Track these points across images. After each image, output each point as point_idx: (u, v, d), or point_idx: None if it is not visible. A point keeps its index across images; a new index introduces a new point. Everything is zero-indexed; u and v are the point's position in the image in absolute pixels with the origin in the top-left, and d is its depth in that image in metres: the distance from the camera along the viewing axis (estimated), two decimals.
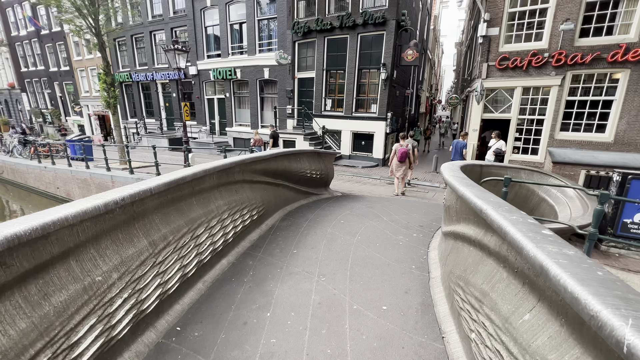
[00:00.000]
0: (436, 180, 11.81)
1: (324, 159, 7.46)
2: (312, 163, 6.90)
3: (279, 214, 5.66)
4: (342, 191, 9.33)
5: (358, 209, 6.51)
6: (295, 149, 6.11)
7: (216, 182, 3.71)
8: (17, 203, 16.24)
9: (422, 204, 7.83)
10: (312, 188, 7.26)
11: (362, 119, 13.97)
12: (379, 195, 9.02)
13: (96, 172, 12.47)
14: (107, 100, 12.74)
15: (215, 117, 18.68)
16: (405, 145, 8.69)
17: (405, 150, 8.58)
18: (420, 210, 6.88)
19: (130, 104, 22.00)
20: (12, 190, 17.08)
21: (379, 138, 13.84)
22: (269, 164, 5.18)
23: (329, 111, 14.78)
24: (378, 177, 12.13)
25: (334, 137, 14.92)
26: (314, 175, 6.95)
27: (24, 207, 15.62)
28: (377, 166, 13.96)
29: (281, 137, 14.87)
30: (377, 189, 10.29)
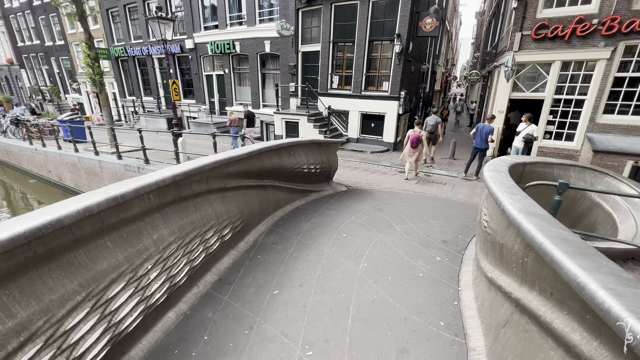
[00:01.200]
0: (453, 168, 10.42)
1: (325, 150, 6.17)
2: (311, 156, 5.64)
3: (266, 223, 4.49)
4: (348, 183, 8.08)
5: (365, 212, 5.29)
6: (288, 140, 4.84)
7: (156, 203, 2.52)
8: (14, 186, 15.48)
9: (441, 202, 6.54)
10: (311, 184, 6.04)
11: (372, 98, 12.43)
12: (390, 188, 7.74)
13: (84, 157, 11.46)
14: (92, 77, 11.47)
15: (215, 95, 17.29)
16: (419, 132, 8.43)
17: (417, 137, 8.36)
18: (440, 213, 5.62)
19: (127, 80, 20.68)
20: (8, 172, 16.35)
21: (390, 120, 12.35)
22: (249, 163, 3.95)
23: (336, 89, 13.24)
24: (388, 163, 10.79)
25: (340, 119, 13.47)
26: (312, 170, 5.71)
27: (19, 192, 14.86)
28: (387, 151, 12.56)
29: (283, 118, 13.51)
30: (388, 178, 8.99)
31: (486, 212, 3.06)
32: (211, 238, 3.09)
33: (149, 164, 9.75)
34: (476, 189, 8.23)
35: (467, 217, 5.46)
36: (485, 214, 3.09)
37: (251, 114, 11.62)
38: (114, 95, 21.78)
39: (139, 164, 9.78)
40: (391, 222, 4.89)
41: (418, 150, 8.52)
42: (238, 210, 3.70)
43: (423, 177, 9.29)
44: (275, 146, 4.49)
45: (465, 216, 5.53)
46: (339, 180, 8.26)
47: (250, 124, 11.57)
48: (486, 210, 3.06)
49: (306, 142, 5.34)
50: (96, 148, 11.22)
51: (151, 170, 9.38)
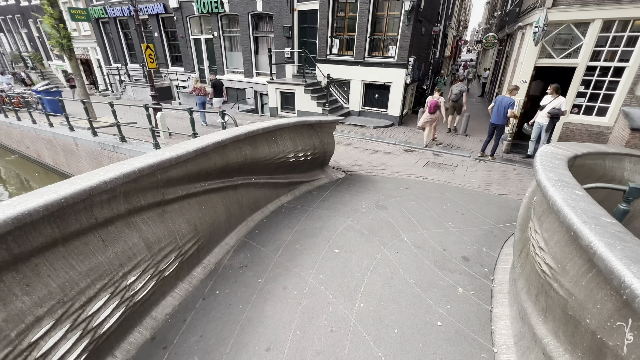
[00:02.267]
0: (466, 146, 9.21)
1: (318, 132, 5.01)
2: (299, 141, 4.50)
3: (238, 233, 3.48)
4: (347, 166, 6.98)
5: (365, 212, 4.25)
6: (266, 124, 3.70)
7: (17, 252, 1.47)
8: None
9: (454, 192, 5.45)
10: (301, 175, 4.96)
11: (377, 65, 10.92)
12: (395, 173, 6.64)
13: (58, 132, 10.32)
14: (57, 40, 10.01)
15: (205, 62, 15.67)
16: (437, 98, 8.51)
17: (435, 102, 8.49)
18: (455, 210, 4.57)
19: (111, 45, 18.88)
20: None
21: (396, 90, 10.93)
22: (205, 161, 2.84)
23: (336, 55, 11.68)
24: (393, 141, 9.58)
25: (341, 89, 12.04)
26: (301, 158, 4.59)
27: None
28: (392, 126, 11.27)
29: (277, 88, 12.10)
30: (392, 159, 7.86)
31: (544, 246, 2.00)
32: (136, 282, 2.09)
33: (125, 142, 8.63)
34: (492, 173, 7.11)
35: (488, 216, 4.41)
36: (541, 248, 2.03)
37: (218, 82, 10.85)
38: (98, 62, 20.08)
39: (115, 142, 8.66)
40: (397, 228, 3.86)
41: (436, 116, 8.72)
42: (190, 228, 2.67)
43: (433, 157, 8.13)
44: (247, 134, 3.34)
45: (485, 214, 4.48)
46: (337, 164, 7.15)
47: (218, 93, 10.74)
48: (545, 242, 2.00)
49: (292, 124, 4.17)
50: (70, 123, 10.05)
51: (127, 150, 8.29)
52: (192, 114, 6.76)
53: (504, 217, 4.43)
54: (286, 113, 12.35)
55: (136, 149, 8.11)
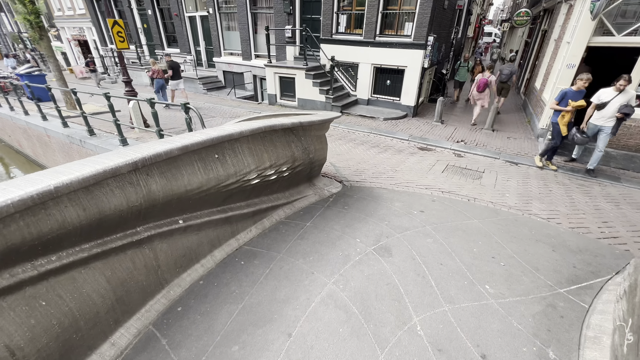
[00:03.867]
0: (492, 144, 7.60)
1: (301, 138, 3.60)
2: (269, 154, 3.12)
3: (143, 316, 2.20)
4: (346, 171, 5.57)
5: (357, 262, 2.90)
6: (203, 136, 2.28)
7: None
8: None
9: (485, 218, 4.00)
10: (275, 195, 3.60)
11: (390, 45, 9.23)
12: (407, 184, 5.19)
13: (31, 122, 9.22)
14: (25, 17, 8.75)
15: (201, 43, 14.19)
16: (488, 76, 8.38)
17: (485, 80, 8.34)
18: (492, 256, 3.16)
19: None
20: None
21: (411, 75, 9.26)
22: (45, 220, 1.50)
23: (343, 34, 10.01)
24: (406, 136, 8.04)
25: (348, 74, 10.42)
26: (273, 177, 3.22)
27: None
28: (405, 117, 9.67)
29: (276, 73, 10.58)
30: (404, 161, 6.38)
31: None
32: None
33: (93, 135, 7.43)
34: (528, 182, 5.58)
35: (542, 269, 2.98)
36: None
37: (176, 64, 10.42)
38: (94, 42, 18.84)
39: (83, 136, 7.46)
40: (405, 299, 2.51)
41: (485, 95, 8.44)
42: None
43: (454, 158, 6.60)
44: (148, 159, 1.95)
45: (537, 264, 3.05)
46: (334, 169, 5.74)
47: (176, 75, 10.31)
48: None
49: (254, 131, 2.75)
50: (42, 112, 8.91)
51: (93, 145, 7.07)
52: (154, 106, 5.41)
53: (565, 268, 2.99)
54: (286, 101, 10.88)
55: (103, 144, 6.89)
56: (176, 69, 10.31)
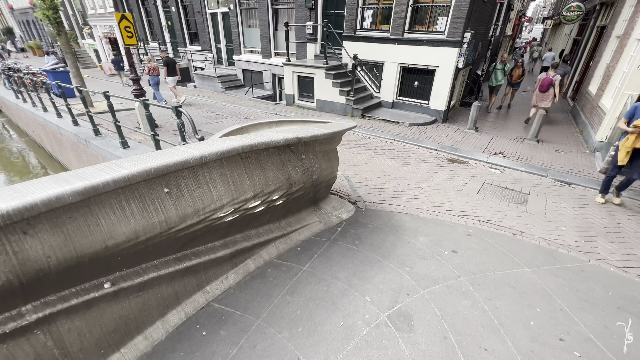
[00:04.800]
0: (539, 157, 6.42)
1: (302, 156, 2.79)
2: (253, 180, 2.33)
3: None
4: (362, 188, 4.70)
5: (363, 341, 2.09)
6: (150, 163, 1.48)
7: None
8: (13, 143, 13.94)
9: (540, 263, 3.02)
10: (265, 227, 2.81)
11: (420, 43, 8.19)
12: (435, 208, 4.25)
13: (47, 118, 9.05)
14: (44, 12, 8.54)
15: (221, 41, 13.72)
16: (552, 75, 7.54)
17: (549, 80, 7.56)
18: (558, 337, 2.21)
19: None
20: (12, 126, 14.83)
21: (443, 76, 8.17)
22: None
23: (368, 30, 9.07)
24: (434, 145, 7.01)
25: (372, 73, 9.47)
26: (258, 208, 2.42)
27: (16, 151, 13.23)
28: (434, 123, 8.60)
29: (294, 72, 9.83)
30: (432, 177, 5.40)
31: None
32: None
33: (99, 135, 7.02)
34: (588, 211, 4.43)
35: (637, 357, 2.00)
36: None
37: (171, 60, 10.20)
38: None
39: (89, 135, 7.08)
40: None
41: (548, 94, 7.72)
42: None
43: (492, 174, 5.53)
44: (31, 209, 1.21)
45: (625, 349, 2.07)
46: (347, 185, 4.89)
47: (172, 72, 10.15)
48: None
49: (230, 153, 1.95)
50: (57, 109, 8.70)
51: (96, 145, 6.63)
52: (148, 109, 4.79)
53: None
54: (304, 102, 10.11)
55: (105, 146, 6.44)
56: (172, 65, 10.15)
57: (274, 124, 4.32)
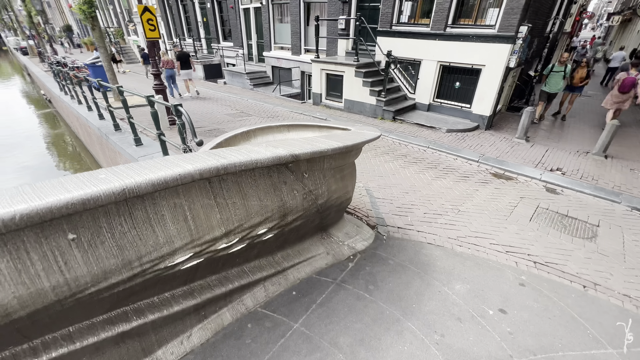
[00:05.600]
0: (607, 177, 5.21)
1: (306, 175, 2.13)
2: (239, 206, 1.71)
3: None
4: (385, 207, 3.94)
5: None
6: (32, 207, 0.90)
7: None
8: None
9: (637, 340, 2.11)
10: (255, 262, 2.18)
11: (465, 38, 7.15)
12: (475, 239, 3.40)
13: (80, 112, 9.17)
14: (80, 7, 8.60)
15: (253, 37, 13.37)
16: (635, 74, 6.46)
17: (632, 80, 6.39)
18: None
19: (173, 19, 17.88)
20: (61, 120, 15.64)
21: (490, 76, 7.08)
22: None
23: (405, 25, 8.15)
24: (475, 156, 6.02)
25: (407, 72, 8.54)
26: (238, 246, 1.80)
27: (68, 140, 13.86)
28: (476, 129, 7.53)
29: (323, 69, 9.15)
30: (472, 196, 4.48)
31: None
32: None
33: (118, 130, 6.84)
34: None
35: None
36: None
37: (185, 54, 10.36)
38: (163, 37, 19.42)
39: (109, 130, 6.93)
40: None
41: (628, 96, 6.67)
42: None
43: (548, 196, 4.49)
44: None
45: None
46: (369, 201, 4.15)
47: (185, 65, 10.27)
48: None
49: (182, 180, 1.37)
50: (88, 102, 8.77)
51: (114, 141, 6.42)
52: (153, 106, 4.36)
53: None
54: (331, 101, 9.41)
55: (121, 142, 6.21)
56: (185, 59, 10.30)
57: (284, 128, 3.69)
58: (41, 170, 10.07)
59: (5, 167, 10.19)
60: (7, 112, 16.36)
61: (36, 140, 12.79)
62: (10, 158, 10.87)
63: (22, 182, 9.08)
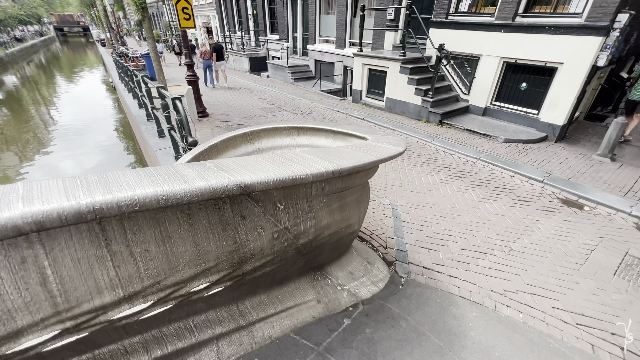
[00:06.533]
0: None
1: (279, 207, 1.49)
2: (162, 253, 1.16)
3: None
4: (411, 236, 3.12)
5: None
6: None
7: None
8: None
9: None
10: (211, 313, 1.61)
11: (539, 30, 5.82)
12: (531, 295, 2.48)
13: (126, 100, 9.51)
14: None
15: (298, 29, 12.89)
16: None
17: None
18: None
19: (226, 12, 18.14)
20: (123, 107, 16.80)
21: (570, 76, 5.68)
22: None
23: (464, 14, 6.98)
24: (540, 175, 4.83)
25: (461, 70, 7.36)
26: (154, 311, 1.23)
27: None
28: (543, 141, 6.18)
29: (365, 64, 8.32)
30: (533, 229, 3.45)
31: None
32: None
33: (150, 120, 6.81)
34: None
35: None
36: None
37: (219, 46, 10.87)
38: (216, 29, 19.93)
39: (142, 120, 6.95)
40: None
41: None
42: None
43: (637, 236, 3.30)
44: None
45: None
46: (392, 223, 3.36)
47: (220, 57, 10.74)
48: None
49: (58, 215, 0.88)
50: (134, 91, 9.01)
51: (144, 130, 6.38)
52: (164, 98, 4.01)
53: None
54: (372, 99, 8.56)
55: (147, 132, 6.13)
56: (219, 50, 10.68)
57: (294, 131, 3.08)
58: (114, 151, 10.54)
59: (87, 143, 11.07)
60: (92, 96, 18.10)
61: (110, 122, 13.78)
62: (90, 136, 11.79)
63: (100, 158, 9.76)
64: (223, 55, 10.86)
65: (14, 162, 9.59)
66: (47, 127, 13.05)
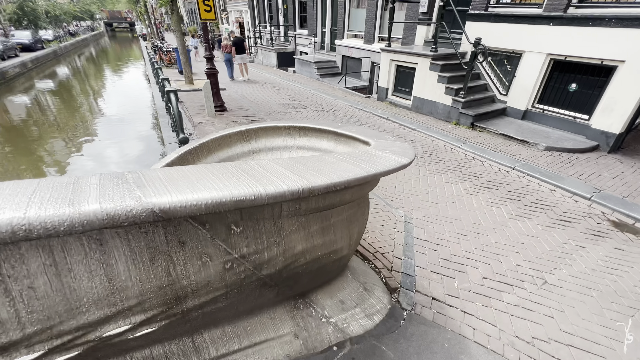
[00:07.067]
0: None
1: (238, 230, 1.18)
2: (59, 290, 0.88)
3: None
4: (424, 256, 2.68)
5: None
6: None
7: None
8: None
9: None
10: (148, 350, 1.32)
11: (595, 22, 5.00)
12: (573, 349, 1.96)
13: (155, 92, 9.69)
14: None
15: (327, 24, 12.48)
16: None
17: None
18: None
19: (258, 7, 18.12)
20: None
21: (632, 77, 4.82)
22: None
23: (506, 6, 6.22)
24: (587, 192, 4.13)
25: (500, 68, 6.60)
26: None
27: None
28: (593, 150, 5.34)
29: (392, 60, 7.78)
30: (575, 257, 2.86)
31: None
32: None
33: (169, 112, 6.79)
34: None
35: None
36: None
37: (239, 39, 11.01)
38: (248, 24, 20.02)
39: (162, 111, 6.97)
40: None
41: None
42: None
43: None
44: None
45: None
46: (403, 241, 2.94)
47: (240, 50, 10.87)
48: None
49: None
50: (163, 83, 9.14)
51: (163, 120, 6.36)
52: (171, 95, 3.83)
53: None
54: (398, 98, 8.01)
55: (164, 125, 6.08)
56: (240, 44, 10.88)
57: (295, 132, 2.76)
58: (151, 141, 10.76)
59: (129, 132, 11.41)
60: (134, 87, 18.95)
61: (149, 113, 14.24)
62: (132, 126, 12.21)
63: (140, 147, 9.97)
64: (244, 49, 10.94)
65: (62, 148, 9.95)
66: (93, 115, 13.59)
